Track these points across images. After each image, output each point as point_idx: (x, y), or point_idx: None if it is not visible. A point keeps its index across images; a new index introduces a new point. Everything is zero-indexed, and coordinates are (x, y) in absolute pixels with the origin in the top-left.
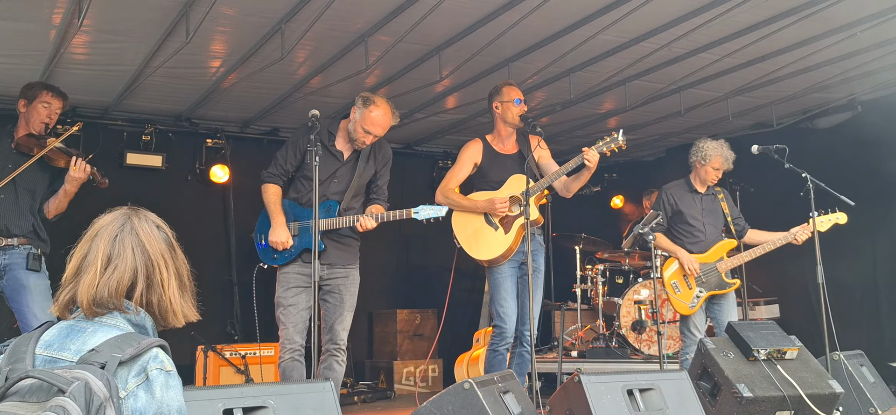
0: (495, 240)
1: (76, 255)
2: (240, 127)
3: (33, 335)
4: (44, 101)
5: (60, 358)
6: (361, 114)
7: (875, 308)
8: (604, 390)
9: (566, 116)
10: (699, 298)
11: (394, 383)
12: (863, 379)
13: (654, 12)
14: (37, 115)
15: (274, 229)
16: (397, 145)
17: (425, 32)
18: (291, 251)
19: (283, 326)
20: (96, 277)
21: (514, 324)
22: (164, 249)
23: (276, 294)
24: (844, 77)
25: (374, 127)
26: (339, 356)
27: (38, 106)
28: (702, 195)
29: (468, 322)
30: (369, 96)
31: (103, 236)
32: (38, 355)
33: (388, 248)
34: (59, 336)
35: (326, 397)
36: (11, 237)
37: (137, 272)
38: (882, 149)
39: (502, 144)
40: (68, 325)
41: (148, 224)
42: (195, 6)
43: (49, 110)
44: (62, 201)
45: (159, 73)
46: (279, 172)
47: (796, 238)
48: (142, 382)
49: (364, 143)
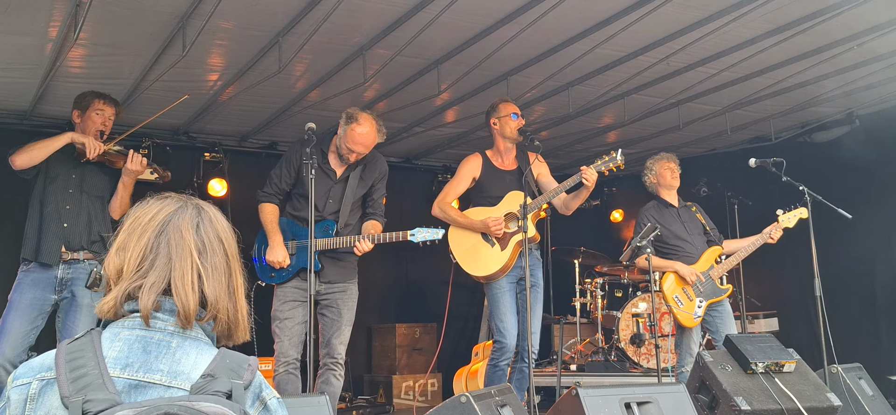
0: (492, 256)
1: (136, 246)
2: (238, 141)
3: (93, 349)
4: (97, 108)
5: (150, 382)
6: (345, 131)
7: (873, 321)
8: (601, 404)
9: (565, 131)
10: (701, 308)
11: (393, 398)
12: (861, 392)
13: (652, 26)
14: (91, 123)
15: (272, 248)
16: (396, 159)
17: (424, 46)
18: (289, 270)
19: (278, 339)
20: (187, 275)
21: (515, 338)
22: (237, 250)
23: (273, 308)
24: (842, 91)
25: (357, 144)
26: (336, 371)
27: (91, 114)
28: (678, 209)
29: (467, 336)
30: (353, 113)
31: (178, 226)
32: (117, 378)
33: (387, 262)
34: (134, 352)
35: (322, 411)
36: (77, 251)
37: (219, 271)
38: (880, 162)
39: (502, 159)
40: (138, 336)
41: (222, 218)
42: (192, 19)
43: (102, 117)
44: (122, 196)
45: (156, 86)
46: (274, 190)
47: (772, 236)
48: (259, 411)
49: (350, 159)
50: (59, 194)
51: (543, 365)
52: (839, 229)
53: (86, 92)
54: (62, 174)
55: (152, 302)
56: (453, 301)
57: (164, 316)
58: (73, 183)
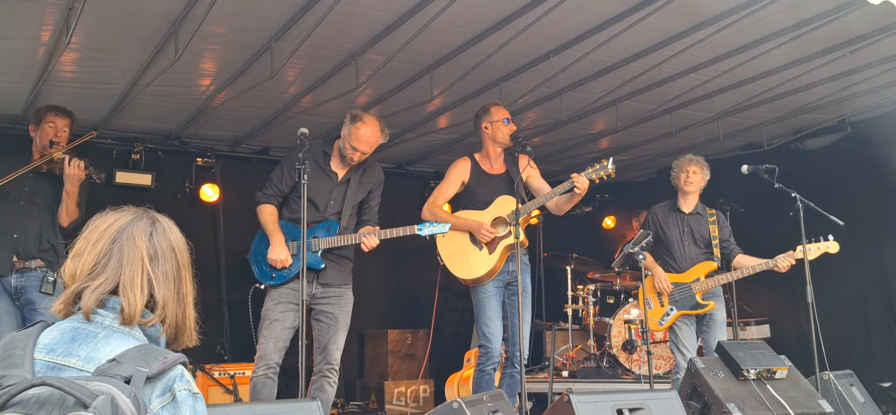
0: (479, 260)
1: (90, 252)
2: (230, 146)
3: (30, 336)
4: (49, 121)
5: (66, 365)
6: (349, 130)
7: (865, 328)
8: (593, 410)
9: (558, 137)
10: (669, 316)
11: (385, 404)
12: (853, 399)
13: (645, 32)
14: (44, 135)
15: (273, 247)
16: (389, 165)
17: (416, 51)
18: (290, 270)
19: (264, 340)
20: (137, 279)
21: (500, 343)
22: (188, 260)
23: (265, 307)
24: (834, 98)
25: (361, 143)
26: (331, 377)
27: (44, 127)
28: (686, 215)
29: (459, 342)
30: (358, 113)
31: (132, 234)
32: (39, 359)
33: (380, 268)
34: (63, 340)
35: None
36: (29, 259)
37: (169, 278)
38: (871, 170)
39: (491, 163)
40: (73, 327)
41: (176, 229)
42: (184, 24)
43: (55, 128)
44: (68, 204)
45: (148, 91)
46: (274, 192)
47: (778, 265)
48: (168, 402)
49: (353, 159)
50: (10, 209)
51: (535, 371)
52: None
53: (40, 107)
54: (14, 190)
55: (95, 300)
56: (445, 307)
57: (105, 312)
58: (24, 196)
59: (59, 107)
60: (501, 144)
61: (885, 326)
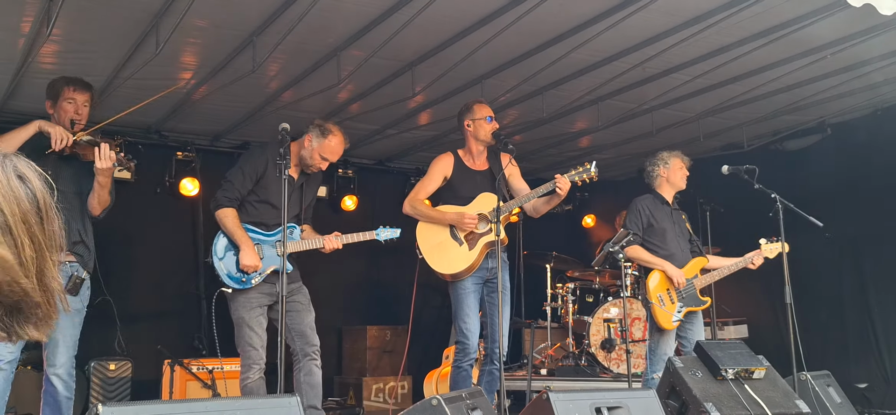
0: (459, 255)
1: None
2: (210, 140)
3: None
4: (67, 98)
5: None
6: (320, 143)
7: (841, 329)
8: (572, 408)
9: (538, 135)
10: (681, 313)
11: (363, 400)
12: (829, 399)
13: (627, 32)
14: (64, 113)
15: (245, 253)
16: (369, 162)
17: (398, 48)
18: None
19: (251, 346)
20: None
21: (477, 339)
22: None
23: (239, 314)
24: (814, 100)
25: (332, 155)
26: (318, 359)
27: (62, 104)
28: (672, 210)
29: (438, 339)
30: (324, 125)
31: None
32: None
33: (358, 264)
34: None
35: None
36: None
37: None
38: (850, 171)
39: (473, 160)
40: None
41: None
42: (165, 17)
43: (75, 105)
44: (100, 194)
45: (129, 84)
46: (235, 195)
47: (753, 262)
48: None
49: (320, 168)
50: None
51: (513, 369)
52: (809, 237)
53: (55, 79)
54: None
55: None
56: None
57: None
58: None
59: (78, 79)
60: (483, 141)
61: (862, 327)
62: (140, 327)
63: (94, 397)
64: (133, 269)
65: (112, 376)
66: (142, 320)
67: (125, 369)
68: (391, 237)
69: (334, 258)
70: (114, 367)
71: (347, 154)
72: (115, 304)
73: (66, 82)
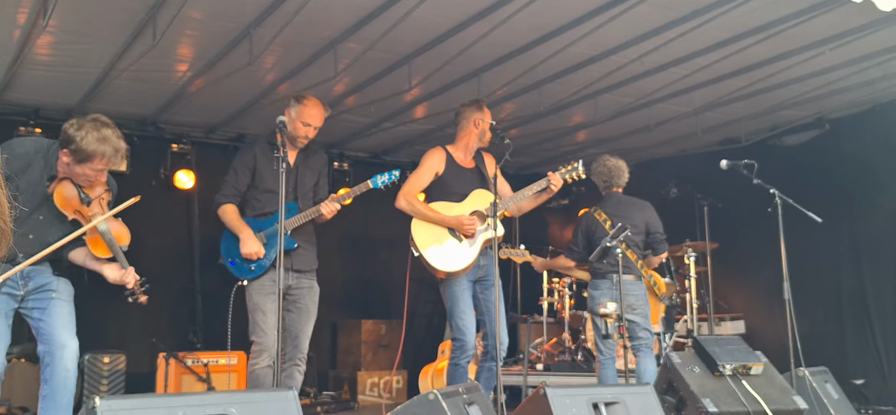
0: (460, 252)
1: None
2: (206, 132)
3: None
4: (97, 167)
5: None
6: (297, 111)
7: (839, 325)
8: (569, 403)
9: (535, 129)
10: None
11: (357, 394)
12: (827, 396)
13: (625, 26)
14: (85, 177)
15: (244, 242)
16: (364, 154)
17: (395, 41)
18: (265, 262)
19: (263, 332)
20: None
21: (474, 336)
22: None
23: (254, 300)
24: (813, 95)
25: (313, 119)
26: (302, 366)
27: (86, 170)
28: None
29: (433, 334)
30: (300, 95)
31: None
32: None
33: (354, 258)
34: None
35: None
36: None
37: None
38: (848, 167)
39: (464, 157)
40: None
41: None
42: (162, 9)
43: (96, 174)
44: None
45: (125, 76)
46: (233, 192)
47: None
48: None
49: (306, 136)
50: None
51: (510, 364)
52: (807, 233)
53: (85, 133)
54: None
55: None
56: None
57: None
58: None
59: (118, 150)
60: (482, 144)
61: (860, 323)
62: (134, 320)
63: (88, 391)
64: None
65: (106, 369)
66: (136, 312)
67: (119, 363)
68: (388, 182)
69: (330, 251)
70: (108, 360)
71: (343, 146)
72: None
73: (101, 154)
